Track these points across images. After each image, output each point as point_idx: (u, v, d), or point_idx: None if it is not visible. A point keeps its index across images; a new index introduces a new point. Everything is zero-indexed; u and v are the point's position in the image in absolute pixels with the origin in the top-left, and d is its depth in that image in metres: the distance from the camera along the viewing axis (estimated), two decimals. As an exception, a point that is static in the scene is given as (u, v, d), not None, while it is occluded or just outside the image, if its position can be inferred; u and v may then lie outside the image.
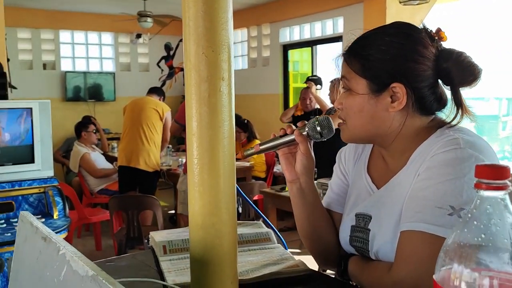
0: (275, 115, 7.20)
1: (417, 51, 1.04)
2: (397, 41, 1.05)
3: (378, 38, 1.06)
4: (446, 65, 1.04)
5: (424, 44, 1.05)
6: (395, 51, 1.04)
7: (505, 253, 0.49)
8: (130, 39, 8.34)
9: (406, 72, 1.04)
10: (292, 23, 7.20)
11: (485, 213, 0.50)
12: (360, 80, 1.07)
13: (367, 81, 1.06)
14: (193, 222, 0.94)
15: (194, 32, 0.87)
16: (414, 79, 1.04)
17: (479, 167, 0.49)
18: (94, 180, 5.56)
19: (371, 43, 1.07)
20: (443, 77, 1.07)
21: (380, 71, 1.05)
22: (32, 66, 7.70)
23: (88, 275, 0.65)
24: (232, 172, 0.94)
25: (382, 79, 1.05)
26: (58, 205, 2.81)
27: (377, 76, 1.05)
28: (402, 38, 1.05)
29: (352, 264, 1.14)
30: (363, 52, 1.07)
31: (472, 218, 0.50)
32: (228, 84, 0.90)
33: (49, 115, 2.91)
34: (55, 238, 0.80)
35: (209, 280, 0.94)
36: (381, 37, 1.06)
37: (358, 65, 1.07)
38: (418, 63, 1.04)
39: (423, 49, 1.04)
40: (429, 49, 1.05)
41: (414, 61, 1.04)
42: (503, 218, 0.50)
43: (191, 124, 0.91)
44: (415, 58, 1.04)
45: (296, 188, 1.21)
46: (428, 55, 1.04)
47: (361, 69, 1.07)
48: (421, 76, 1.04)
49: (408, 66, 1.04)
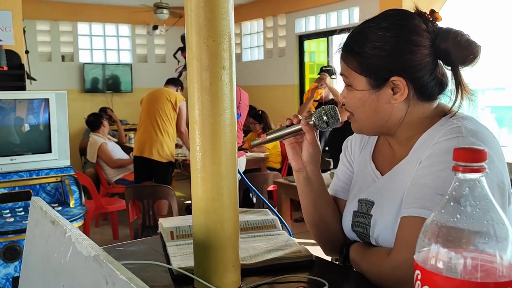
0: (291, 106, 7.20)
1: (413, 42, 1.03)
2: (391, 35, 1.04)
3: (371, 34, 1.05)
4: (444, 45, 1.03)
5: (419, 32, 1.04)
6: (390, 46, 1.04)
7: (482, 234, 0.51)
8: (147, 30, 8.40)
9: (404, 65, 1.04)
10: (307, 14, 7.16)
11: (462, 195, 0.51)
12: (358, 77, 1.08)
13: (366, 78, 1.07)
14: (196, 207, 0.97)
15: (195, 22, 0.90)
16: (412, 70, 1.04)
17: (457, 150, 0.51)
18: (111, 170, 5.64)
19: (365, 40, 1.06)
20: (443, 57, 1.06)
21: (377, 67, 1.05)
22: (51, 58, 7.81)
23: (90, 255, 0.69)
24: (233, 159, 0.97)
25: (380, 75, 1.05)
26: (74, 194, 2.87)
27: (375, 72, 1.05)
28: (395, 31, 1.04)
29: (353, 250, 1.16)
30: (358, 49, 1.06)
31: (450, 200, 0.52)
32: (229, 73, 0.93)
33: (65, 105, 2.97)
34: (63, 222, 0.83)
35: (211, 263, 0.97)
36: (375, 32, 1.05)
37: (355, 63, 1.07)
38: (414, 54, 1.03)
39: (418, 37, 1.04)
40: (424, 36, 1.04)
41: (410, 52, 1.03)
42: (480, 200, 0.51)
43: (193, 112, 0.93)
44: (411, 49, 1.03)
45: (302, 177, 1.23)
46: (424, 43, 1.04)
47: (358, 67, 1.07)
48: (419, 66, 1.04)
49: (405, 59, 1.03)
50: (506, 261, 0.51)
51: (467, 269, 0.52)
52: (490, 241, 0.51)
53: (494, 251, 0.51)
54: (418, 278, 0.54)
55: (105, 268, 0.63)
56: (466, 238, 0.51)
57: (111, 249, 1.28)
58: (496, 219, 0.52)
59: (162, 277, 1.10)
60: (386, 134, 1.16)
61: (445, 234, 0.52)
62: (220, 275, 0.97)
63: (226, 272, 0.97)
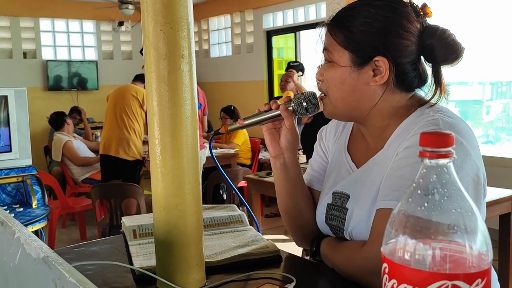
0: (260, 102, 7.17)
1: (402, 26, 1.03)
2: (383, 14, 1.03)
3: (363, 10, 1.05)
4: (430, 41, 1.04)
5: (409, 19, 1.04)
6: (380, 24, 1.03)
7: (450, 223, 0.49)
8: (112, 27, 8.22)
9: (390, 46, 1.03)
10: (275, 9, 7.14)
11: (430, 182, 0.49)
12: (342, 52, 1.06)
13: (350, 53, 1.05)
14: (156, 203, 0.93)
15: (151, 8, 0.85)
16: (397, 54, 1.03)
17: (423, 135, 0.48)
18: (78, 169, 5.51)
19: (356, 15, 1.05)
20: (426, 53, 1.06)
21: (363, 43, 1.04)
22: (12, 55, 7.57)
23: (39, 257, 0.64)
24: (195, 153, 0.93)
25: (365, 52, 1.04)
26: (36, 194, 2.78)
27: (360, 48, 1.04)
28: (387, 11, 1.04)
29: (324, 245, 1.14)
30: (348, 23, 1.05)
31: (417, 188, 0.50)
32: (189, 62, 0.89)
33: (25, 103, 2.86)
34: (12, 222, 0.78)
35: (174, 262, 0.93)
36: (367, 9, 1.05)
37: (342, 37, 1.06)
38: (402, 37, 1.03)
39: (408, 23, 1.03)
40: (414, 24, 1.04)
41: (398, 35, 1.03)
42: (448, 188, 0.49)
43: (151, 103, 0.89)
44: (400, 32, 1.03)
45: (279, 163, 1.21)
46: (413, 30, 1.04)
47: (344, 41, 1.05)
48: (404, 51, 1.03)
49: (392, 40, 1.03)
50: (475, 251, 0.49)
51: (435, 261, 0.49)
52: (458, 230, 0.49)
53: (463, 241, 0.49)
54: (385, 272, 0.52)
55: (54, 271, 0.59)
56: (434, 228, 0.49)
57: (71, 250, 1.22)
58: (464, 207, 0.50)
59: (123, 278, 1.05)
60: (358, 120, 1.13)
61: (412, 224, 0.49)
62: (183, 273, 0.93)
63: (190, 270, 0.93)
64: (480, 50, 5.14)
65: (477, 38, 5.21)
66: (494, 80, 6.31)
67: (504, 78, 6.02)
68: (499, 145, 5.92)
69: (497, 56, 5.45)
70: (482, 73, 5.83)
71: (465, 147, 0.97)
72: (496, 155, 4.78)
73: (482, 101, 6.62)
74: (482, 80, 6.32)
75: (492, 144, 6.12)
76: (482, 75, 5.92)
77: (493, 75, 6.05)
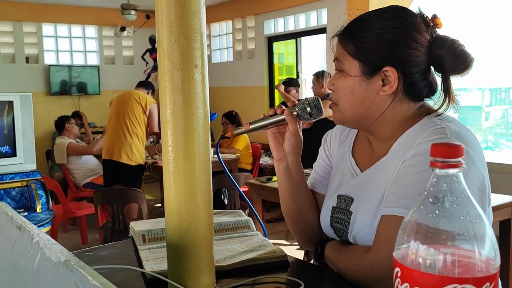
0: (261, 108, 7.20)
1: (412, 36, 1.05)
2: (392, 25, 1.06)
3: (373, 21, 1.07)
4: (439, 52, 1.05)
5: (419, 30, 1.06)
6: (389, 35, 1.05)
7: (460, 229, 0.51)
8: (114, 32, 8.26)
9: (399, 56, 1.05)
10: (276, 15, 7.18)
11: (440, 191, 0.51)
12: (352, 62, 1.08)
13: (360, 63, 1.07)
14: (169, 209, 0.95)
15: (166, 20, 0.88)
16: (406, 64, 1.05)
17: (434, 146, 0.51)
18: (79, 173, 5.53)
19: (367, 26, 1.07)
20: (436, 64, 1.08)
21: (373, 54, 1.06)
22: (15, 60, 7.59)
23: (60, 261, 0.66)
24: (207, 160, 0.95)
25: (374, 62, 1.06)
26: (41, 198, 2.80)
27: (370, 58, 1.06)
28: (397, 22, 1.06)
29: (328, 248, 1.16)
30: (358, 34, 1.08)
31: (428, 196, 0.52)
32: (202, 72, 0.91)
33: (30, 108, 2.89)
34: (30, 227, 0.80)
35: (185, 266, 0.95)
36: (377, 20, 1.07)
37: (352, 47, 1.08)
38: (411, 48, 1.05)
39: (417, 34, 1.05)
40: (423, 35, 1.06)
41: (407, 46, 1.05)
42: (458, 196, 0.51)
43: (165, 112, 0.91)
44: (409, 43, 1.05)
45: (283, 167, 1.24)
46: (422, 41, 1.06)
47: (355, 51, 1.08)
48: (413, 61, 1.05)
49: (401, 50, 1.05)
50: (484, 256, 0.51)
51: (445, 265, 0.52)
52: (468, 236, 0.51)
53: (472, 246, 0.51)
54: (398, 276, 0.54)
55: (76, 274, 0.61)
56: (445, 234, 0.51)
57: (81, 254, 1.24)
58: (473, 215, 0.52)
59: (135, 281, 1.07)
60: (366, 128, 1.15)
61: (424, 230, 0.52)
62: (194, 277, 0.95)
63: (201, 274, 0.95)
64: (479, 56, 5.17)
65: (476, 45, 5.24)
66: (493, 86, 6.34)
67: (503, 84, 6.06)
68: (498, 151, 5.94)
69: (496, 63, 5.48)
70: (481, 79, 5.87)
71: (471, 156, 0.99)
72: (495, 161, 4.80)
73: (481, 107, 6.65)
74: (481, 86, 6.35)
75: (491, 150, 6.14)
76: (481, 81, 5.95)
77: (492, 81, 6.08)
